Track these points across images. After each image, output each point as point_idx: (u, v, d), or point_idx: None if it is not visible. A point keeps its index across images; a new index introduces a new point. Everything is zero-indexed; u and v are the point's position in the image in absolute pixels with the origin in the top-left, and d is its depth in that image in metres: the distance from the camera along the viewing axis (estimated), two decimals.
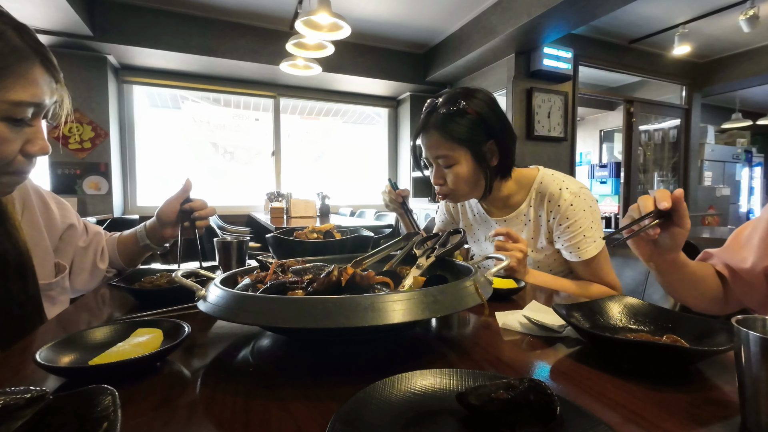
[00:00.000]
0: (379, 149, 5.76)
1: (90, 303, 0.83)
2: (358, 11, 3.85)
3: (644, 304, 0.63)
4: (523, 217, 1.13)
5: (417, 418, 0.36)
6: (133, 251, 1.03)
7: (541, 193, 1.09)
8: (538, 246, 1.11)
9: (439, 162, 1.07)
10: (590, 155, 7.19)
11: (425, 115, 1.09)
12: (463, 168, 1.04)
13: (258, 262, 0.70)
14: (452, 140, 1.02)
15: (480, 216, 1.25)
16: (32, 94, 0.64)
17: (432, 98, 1.11)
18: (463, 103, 1.02)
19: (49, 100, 0.67)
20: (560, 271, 1.12)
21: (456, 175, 1.05)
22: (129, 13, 3.65)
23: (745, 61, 4.93)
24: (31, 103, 0.64)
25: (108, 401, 0.32)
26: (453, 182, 1.06)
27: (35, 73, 0.64)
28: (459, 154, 1.04)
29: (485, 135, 1.03)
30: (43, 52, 0.66)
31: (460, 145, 1.03)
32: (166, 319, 0.56)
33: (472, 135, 1.02)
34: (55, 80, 0.68)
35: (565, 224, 1.04)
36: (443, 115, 1.03)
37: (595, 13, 3.23)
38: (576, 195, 1.04)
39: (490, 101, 1.05)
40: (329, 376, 0.48)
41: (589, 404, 0.41)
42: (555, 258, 1.11)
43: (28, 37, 0.65)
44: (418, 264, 0.70)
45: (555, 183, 1.07)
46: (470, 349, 0.56)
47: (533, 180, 1.11)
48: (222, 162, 4.99)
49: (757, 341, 0.34)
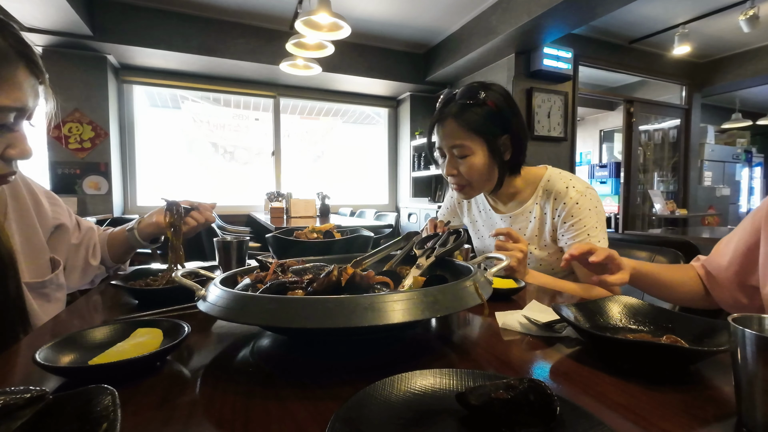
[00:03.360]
0: (379, 149, 5.76)
1: (90, 303, 0.83)
2: (358, 11, 3.85)
3: (644, 304, 0.63)
4: (528, 214, 1.13)
5: (417, 418, 0.36)
6: (122, 247, 1.02)
7: (547, 190, 1.09)
8: (542, 243, 1.12)
9: (454, 152, 1.05)
10: (590, 155, 7.19)
11: (442, 104, 1.08)
12: (477, 159, 1.04)
13: (258, 262, 0.70)
14: (469, 130, 1.02)
15: (486, 212, 1.25)
16: (15, 99, 0.62)
17: (448, 89, 1.11)
18: (482, 94, 1.01)
19: (32, 102, 0.66)
20: (562, 269, 1.12)
21: (470, 166, 1.04)
22: (129, 12, 3.65)
23: (745, 61, 4.93)
24: (14, 108, 0.62)
25: (108, 401, 0.32)
26: (467, 173, 1.05)
27: (19, 77, 0.62)
28: (475, 145, 1.03)
29: (501, 128, 1.03)
30: (27, 54, 0.64)
31: (477, 136, 1.02)
32: (166, 319, 0.56)
33: (488, 127, 1.02)
34: (39, 81, 0.66)
35: (570, 222, 1.04)
36: (461, 105, 1.03)
37: (595, 13, 3.22)
38: (582, 194, 1.04)
39: (507, 96, 1.06)
40: (329, 376, 0.48)
41: (589, 404, 0.41)
42: (558, 257, 1.11)
43: (12, 38, 0.62)
44: (418, 264, 0.70)
45: (562, 181, 1.07)
46: (470, 349, 0.56)
47: (541, 178, 1.12)
48: (222, 162, 4.99)
49: (753, 339, 0.34)
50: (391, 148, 5.73)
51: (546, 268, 1.12)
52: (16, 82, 0.62)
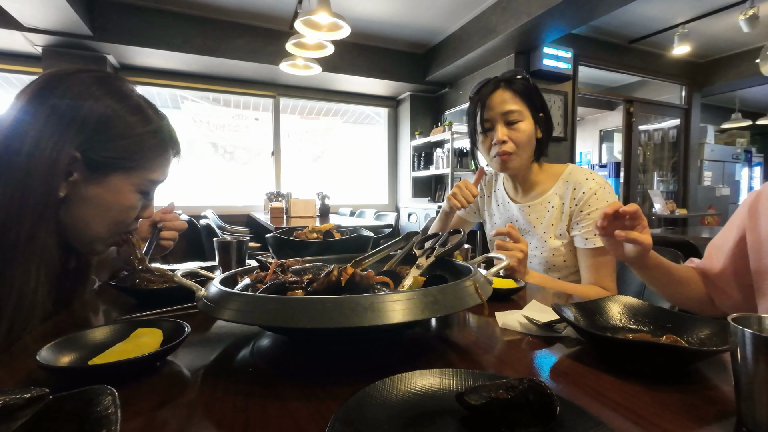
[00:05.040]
0: (379, 149, 5.76)
1: (90, 303, 0.83)
2: (358, 11, 3.85)
3: (644, 304, 0.63)
4: (547, 203, 1.16)
5: (417, 418, 0.36)
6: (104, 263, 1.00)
7: (567, 182, 1.14)
8: (557, 233, 1.14)
9: (507, 118, 1.12)
10: (590, 155, 7.19)
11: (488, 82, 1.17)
12: (526, 125, 1.12)
13: (258, 262, 0.70)
14: (522, 97, 1.13)
15: (504, 205, 1.28)
16: (163, 173, 0.80)
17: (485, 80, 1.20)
18: (525, 74, 1.16)
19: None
20: (573, 263, 1.13)
21: (521, 131, 1.12)
22: (129, 12, 3.65)
23: (745, 61, 4.92)
24: (160, 182, 0.80)
25: (108, 401, 0.32)
26: (516, 138, 1.12)
27: (169, 157, 0.80)
28: (525, 112, 1.13)
29: (540, 104, 1.15)
30: (175, 138, 0.82)
31: (526, 103, 1.13)
32: (166, 319, 0.56)
33: (532, 98, 1.14)
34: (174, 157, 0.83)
35: (586, 211, 1.08)
36: (509, 77, 1.15)
37: (595, 12, 3.23)
38: (602, 186, 1.08)
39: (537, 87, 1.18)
40: (329, 376, 0.48)
41: (588, 404, 0.41)
42: (570, 248, 1.13)
43: (167, 125, 0.80)
44: (418, 264, 0.70)
45: (582, 174, 1.13)
46: (470, 349, 0.56)
47: (562, 172, 1.17)
48: (222, 162, 4.99)
49: (753, 339, 0.34)
50: (390, 148, 5.73)
51: (557, 260, 1.14)
52: (166, 162, 0.80)
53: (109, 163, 0.70)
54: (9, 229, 0.62)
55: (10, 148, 0.64)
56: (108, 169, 0.71)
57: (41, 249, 0.65)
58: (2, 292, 0.61)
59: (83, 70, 0.73)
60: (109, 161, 0.70)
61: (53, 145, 0.65)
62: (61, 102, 0.67)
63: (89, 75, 0.72)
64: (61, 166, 0.66)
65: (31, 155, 0.64)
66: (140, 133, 0.73)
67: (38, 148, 0.64)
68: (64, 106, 0.67)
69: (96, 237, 0.75)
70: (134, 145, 0.73)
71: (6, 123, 0.65)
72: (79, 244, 0.76)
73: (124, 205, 0.74)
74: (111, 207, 0.73)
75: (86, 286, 0.87)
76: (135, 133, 0.73)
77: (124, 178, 0.73)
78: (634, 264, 0.83)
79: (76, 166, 0.68)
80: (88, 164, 0.69)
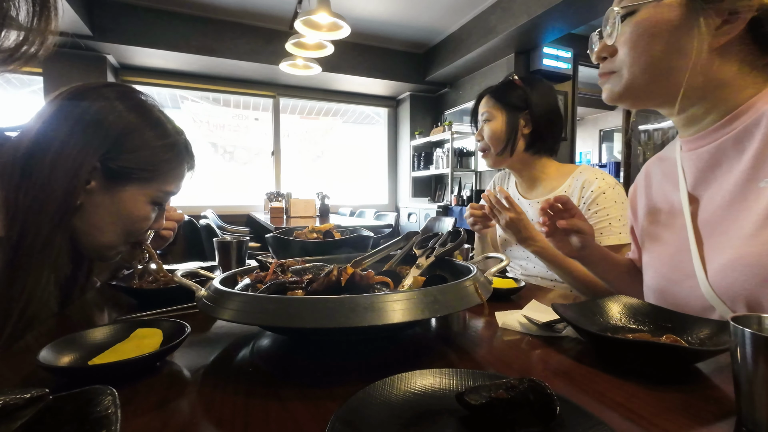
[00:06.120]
0: (379, 149, 5.76)
1: (90, 303, 0.83)
2: (357, 11, 3.85)
3: (644, 304, 0.63)
4: None
5: (417, 418, 0.36)
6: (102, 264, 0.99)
7: (578, 180, 1.16)
8: None
9: (483, 119, 1.25)
10: (590, 155, 7.19)
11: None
12: (495, 124, 1.22)
13: (258, 262, 0.70)
14: (495, 100, 1.24)
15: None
16: (177, 186, 0.82)
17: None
18: (513, 76, 1.25)
19: None
20: None
21: (489, 130, 1.23)
22: (128, 12, 3.65)
23: None
24: (174, 193, 0.82)
25: (108, 401, 0.32)
26: (487, 136, 1.23)
27: (183, 171, 0.83)
28: (496, 112, 1.23)
29: (522, 103, 1.20)
30: (191, 151, 0.84)
31: (499, 105, 1.22)
32: (166, 319, 0.56)
33: (510, 99, 1.21)
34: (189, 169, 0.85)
35: (594, 209, 1.09)
36: (497, 85, 1.27)
37: (595, 12, 3.22)
38: (611, 186, 1.10)
39: (543, 85, 1.24)
40: (329, 376, 0.48)
41: (589, 404, 0.41)
42: None
43: (186, 142, 0.83)
44: (418, 264, 0.70)
45: (593, 173, 1.14)
46: (470, 349, 0.56)
47: (574, 170, 1.20)
48: (221, 162, 4.99)
49: (753, 339, 0.34)
50: (390, 147, 5.73)
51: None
52: (181, 174, 0.82)
53: (126, 174, 0.73)
54: (27, 235, 0.63)
55: (34, 157, 0.65)
56: (125, 180, 0.73)
57: (56, 255, 0.67)
58: (13, 295, 0.62)
59: (108, 84, 0.77)
60: (127, 172, 0.73)
61: (76, 155, 0.67)
62: (85, 114, 0.69)
63: (113, 89, 0.75)
64: (83, 176, 0.68)
65: (54, 164, 0.65)
66: (158, 146, 0.76)
67: (61, 157, 0.66)
68: (89, 118, 0.69)
69: (108, 244, 0.77)
70: (152, 157, 0.75)
71: (31, 133, 0.67)
72: (91, 250, 0.77)
73: (138, 215, 0.76)
74: (125, 216, 0.75)
75: (87, 287, 0.88)
76: (153, 146, 0.75)
77: (139, 189, 0.75)
78: (584, 258, 0.86)
79: (95, 175, 0.70)
80: (107, 174, 0.71)
